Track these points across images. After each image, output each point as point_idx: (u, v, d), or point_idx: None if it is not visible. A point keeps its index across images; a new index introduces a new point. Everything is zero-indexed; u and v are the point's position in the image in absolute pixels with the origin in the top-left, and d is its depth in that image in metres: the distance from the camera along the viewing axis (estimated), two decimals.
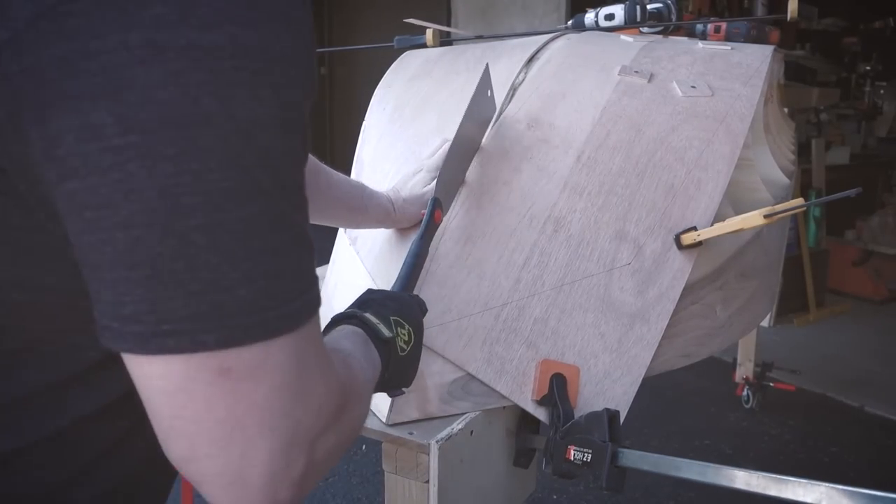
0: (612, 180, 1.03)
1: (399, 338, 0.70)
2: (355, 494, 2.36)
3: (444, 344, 0.90)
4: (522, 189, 1.02)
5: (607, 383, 0.94)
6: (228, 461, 0.42)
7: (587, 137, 1.07)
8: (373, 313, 0.69)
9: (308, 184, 0.45)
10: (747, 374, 2.84)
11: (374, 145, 1.31)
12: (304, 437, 0.44)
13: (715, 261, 1.06)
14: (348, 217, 1.03)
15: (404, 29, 1.70)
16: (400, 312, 0.72)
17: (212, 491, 0.44)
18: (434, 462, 0.84)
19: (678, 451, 2.57)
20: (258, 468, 0.42)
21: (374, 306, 0.71)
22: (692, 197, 1.03)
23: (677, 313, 0.99)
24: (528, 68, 1.22)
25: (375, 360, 0.66)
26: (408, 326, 0.72)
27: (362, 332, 0.67)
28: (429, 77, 1.38)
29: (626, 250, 0.99)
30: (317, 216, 0.99)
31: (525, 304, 0.94)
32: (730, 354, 2.90)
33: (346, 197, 1.00)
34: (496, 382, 0.91)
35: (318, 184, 0.95)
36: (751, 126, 1.14)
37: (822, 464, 2.57)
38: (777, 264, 1.50)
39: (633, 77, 1.18)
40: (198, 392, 0.40)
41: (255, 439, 0.42)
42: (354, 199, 1.00)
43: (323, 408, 0.45)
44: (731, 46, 1.39)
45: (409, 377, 0.77)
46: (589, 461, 0.83)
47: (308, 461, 0.45)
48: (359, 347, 0.64)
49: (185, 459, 0.43)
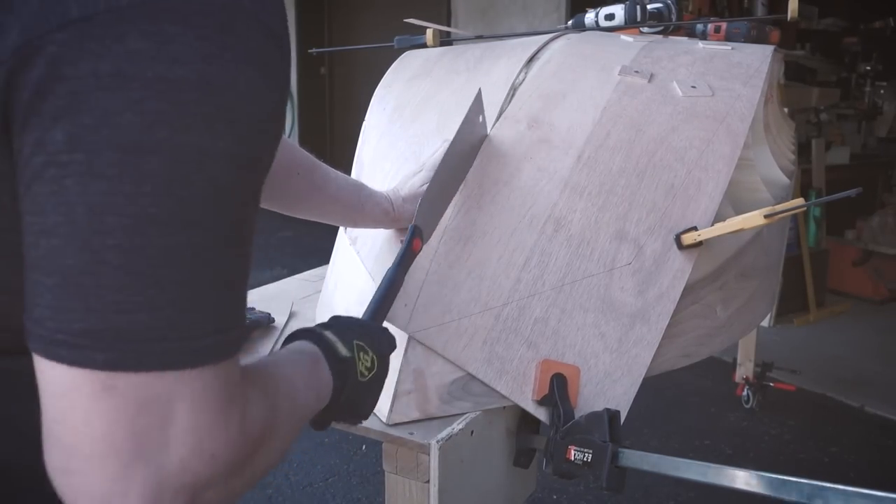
0: (612, 180, 1.03)
1: (360, 362, 0.67)
2: (355, 494, 2.36)
3: (444, 344, 0.90)
4: (523, 189, 1.02)
5: (607, 383, 0.94)
6: (100, 483, 0.41)
7: (587, 137, 1.07)
8: (333, 332, 0.67)
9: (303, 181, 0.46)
10: (747, 374, 2.84)
11: (374, 145, 1.31)
12: (187, 482, 0.42)
13: (715, 261, 1.06)
14: (344, 215, 1.02)
15: (404, 29, 1.70)
16: (364, 339, 0.69)
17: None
18: (434, 462, 0.84)
19: (678, 451, 2.57)
20: (130, 499, 0.41)
21: (337, 327, 0.69)
22: (692, 197, 1.03)
23: (677, 313, 1.00)
24: (528, 68, 1.22)
25: (323, 384, 0.63)
26: (371, 353, 0.69)
27: (316, 350, 0.64)
28: (429, 77, 1.38)
29: (627, 250, 0.99)
30: (312, 214, 0.99)
31: (525, 304, 0.94)
32: (730, 354, 2.90)
33: (342, 195, 0.99)
34: (496, 382, 0.91)
35: (313, 181, 0.94)
36: (751, 126, 1.14)
37: (822, 464, 2.57)
38: (777, 264, 1.50)
39: (634, 77, 1.18)
40: (79, 403, 0.40)
41: (130, 467, 0.41)
42: (351, 197, 0.99)
43: (218, 458, 0.44)
44: (732, 46, 1.39)
45: (366, 407, 0.72)
46: (589, 461, 0.83)
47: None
48: (304, 368, 0.62)
49: (60, 471, 0.42)
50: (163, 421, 0.41)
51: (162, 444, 0.41)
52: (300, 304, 1.29)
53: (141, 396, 0.41)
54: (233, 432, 0.45)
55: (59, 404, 0.41)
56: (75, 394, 0.40)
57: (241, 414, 0.46)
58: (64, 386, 0.40)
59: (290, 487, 2.40)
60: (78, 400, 0.40)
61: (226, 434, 0.44)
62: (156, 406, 0.41)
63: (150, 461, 0.41)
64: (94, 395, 0.40)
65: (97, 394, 0.40)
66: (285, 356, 0.63)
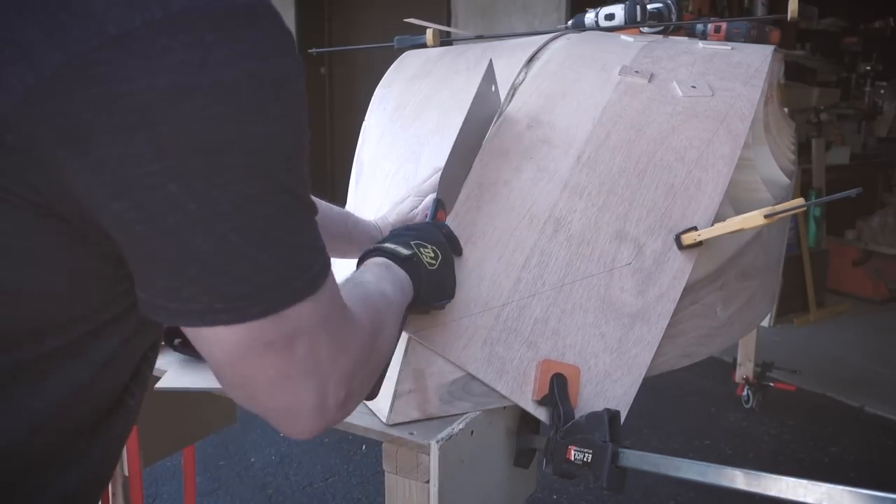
0: (612, 180, 1.03)
1: (423, 255, 0.81)
2: (355, 494, 2.36)
3: (444, 344, 0.90)
4: (523, 189, 1.02)
5: (608, 383, 0.94)
6: (282, 401, 0.53)
7: (587, 137, 1.07)
8: (391, 241, 0.81)
9: None
10: (747, 374, 2.84)
11: (374, 145, 1.31)
12: (340, 375, 0.55)
13: (715, 261, 1.06)
14: (330, 245, 1.01)
15: (404, 29, 1.70)
16: (419, 237, 0.83)
17: (272, 418, 0.54)
18: (434, 462, 0.84)
19: (678, 451, 2.57)
20: (307, 404, 0.53)
21: (393, 236, 0.83)
22: (692, 197, 1.03)
23: (678, 313, 0.99)
24: (528, 68, 1.22)
25: (402, 280, 0.76)
26: (430, 246, 0.83)
27: (383, 258, 0.77)
28: (429, 77, 1.38)
29: (627, 250, 0.99)
30: None
31: (525, 304, 0.94)
32: (730, 354, 2.90)
33: (327, 224, 0.97)
34: (496, 382, 0.91)
35: None
36: (751, 126, 1.14)
37: (822, 464, 2.57)
38: (777, 264, 1.50)
39: (634, 77, 1.18)
40: (250, 360, 0.50)
41: (300, 385, 0.52)
42: (337, 226, 0.99)
43: (353, 349, 0.57)
44: (732, 46, 1.38)
45: (447, 289, 0.86)
46: (589, 461, 0.83)
47: (347, 392, 0.56)
48: (381, 274, 0.74)
49: (247, 401, 0.54)
50: (312, 344, 0.52)
51: (316, 361, 0.53)
52: None
53: (292, 332, 0.50)
54: (353, 330, 0.57)
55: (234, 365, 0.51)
56: (244, 354, 0.50)
57: (353, 316, 0.58)
58: (233, 347, 0.49)
59: (290, 487, 2.40)
60: (249, 357, 0.50)
61: (351, 333, 0.57)
62: (304, 336, 0.51)
63: (312, 375, 0.53)
64: (260, 353, 0.50)
65: (262, 350, 0.50)
66: (363, 271, 0.76)
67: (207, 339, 0.50)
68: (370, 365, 0.61)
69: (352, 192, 1.31)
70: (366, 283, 0.71)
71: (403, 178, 1.16)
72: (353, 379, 0.56)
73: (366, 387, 0.61)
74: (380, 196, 1.18)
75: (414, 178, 1.13)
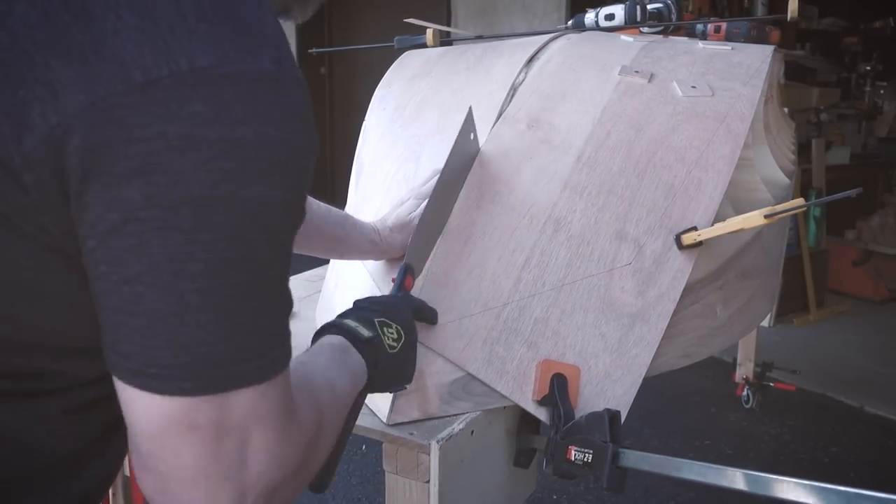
0: (612, 180, 1.03)
1: (386, 337, 0.74)
2: (355, 494, 2.36)
3: (444, 344, 0.90)
4: (523, 189, 1.02)
5: (608, 383, 0.94)
6: (191, 498, 0.47)
7: (587, 137, 1.07)
8: (353, 318, 0.73)
9: None
10: (747, 374, 2.84)
11: (375, 145, 1.31)
12: (264, 487, 0.49)
13: (715, 261, 1.06)
14: (329, 247, 1.02)
15: (404, 29, 1.70)
16: (384, 314, 0.76)
17: None
18: (434, 462, 0.84)
19: (678, 451, 2.57)
20: None
21: (356, 312, 0.76)
22: (692, 197, 1.03)
23: (678, 313, 0.99)
24: (528, 68, 1.22)
25: (357, 366, 0.69)
26: (395, 325, 0.76)
27: (341, 339, 0.71)
28: (429, 77, 1.38)
29: (627, 250, 0.99)
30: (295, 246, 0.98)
31: (525, 304, 0.94)
32: (730, 354, 2.90)
33: (325, 226, 0.98)
34: (497, 382, 0.91)
35: None
36: (751, 126, 1.14)
37: (822, 464, 2.57)
38: (777, 264, 1.50)
39: (634, 77, 1.18)
40: (169, 440, 0.46)
41: (216, 486, 0.47)
42: (335, 228, 0.99)
43: (287, 462, 0.51)
44: (732, 46, 1.38)
45: (406, 374, 0.80)
46: (590, 461, 0.83)
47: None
48: (334, 359, 0.68)
49: (156, 491, 0.48)
50: (241, 443, 0.47)
51: (242, 463, 0.48)
52: (300, 304, 1.29)
53: (223, 422, 0.46)
54: (294, 438, 0.51)
55: (153, 442, 0.46)
56: (166, 433, 0.46)
57: (297, 419, 0.52)
58: (156, 421, 0.46)
59: None
60: (169, 438, 0.46)
61: (290, 441, 0.50)
62: (235, 431, 0.47)
63: (232, 479, 0.47)
64: (181, 434, 0.46)
65: (184, 432, 0.46)
66: (316, 353, 0.69)
67: (134, 402, 0.46)
68: (301, 477, 0.54)
69: (352, 192, 1.31)
70: (316, 374, 0.64)
71: (403, 178, 1.16)
72: (279, 492, 0.50)
73: (290, 499, 0.54)
74: (380, 196, 1.18)
75: (414, 178, 1.12)
